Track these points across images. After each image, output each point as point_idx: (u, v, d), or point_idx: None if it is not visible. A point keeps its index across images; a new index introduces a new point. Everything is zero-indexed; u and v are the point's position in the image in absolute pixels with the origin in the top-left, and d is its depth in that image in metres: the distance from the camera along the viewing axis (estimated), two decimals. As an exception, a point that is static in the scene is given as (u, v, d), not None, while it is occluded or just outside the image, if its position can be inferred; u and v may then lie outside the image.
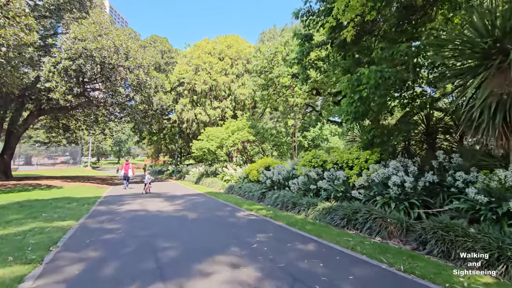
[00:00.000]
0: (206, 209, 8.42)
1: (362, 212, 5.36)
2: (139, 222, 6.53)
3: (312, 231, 5.43)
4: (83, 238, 5.04)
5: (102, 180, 21.36)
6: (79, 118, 23.15)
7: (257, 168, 11.72)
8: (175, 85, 21.64)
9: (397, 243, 4.63)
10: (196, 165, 22.79)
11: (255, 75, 16.34)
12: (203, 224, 6.34)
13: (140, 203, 9.49)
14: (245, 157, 20.26)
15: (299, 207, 7.17)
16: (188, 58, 21.55)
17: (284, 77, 14.33)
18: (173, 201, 10.16)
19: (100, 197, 11.30)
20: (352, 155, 7.09)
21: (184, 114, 20.76)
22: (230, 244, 4.66)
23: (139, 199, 10.56)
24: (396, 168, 5.74)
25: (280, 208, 7.98)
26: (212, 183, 15.74)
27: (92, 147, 68.88)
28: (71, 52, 14.58)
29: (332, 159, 7.70)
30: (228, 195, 12.10)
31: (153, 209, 8.33)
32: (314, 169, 8.20)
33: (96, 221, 6.55)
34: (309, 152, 8.94)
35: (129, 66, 16.81)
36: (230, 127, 16.80)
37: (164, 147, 41.31)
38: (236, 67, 20.99)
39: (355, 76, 6.79)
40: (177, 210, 8.18)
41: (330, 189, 6.82)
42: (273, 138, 17.05)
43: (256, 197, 9.86)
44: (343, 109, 7.24)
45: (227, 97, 21.23)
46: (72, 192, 12.37)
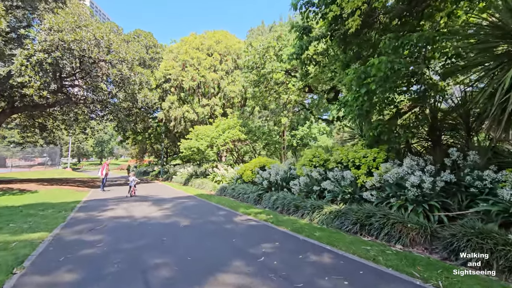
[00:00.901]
0: (199, 213, 7.70)
1: (377, 216, 4.84)
2: (124, 231, 5.74)
3: (323, 239, 4.87)
4: (56, 254, 4.24)
5: (82, 182, 20.03)
6: (57, 117, 21.66)
7: (251, 168, 11.08)
8: (161, 82, 20.61)
9: (421, 251, 4.14)
10: (184, 166, 21.86)
11: (247, 70, 15.68)
12: (197, 232, 5.64)
13: (125, 208, 8.64)
14: (235, 156, 19.56)
15: (302, 210, 6.60)
16: (175, 53, 20.56)
17: (278, 73, 13.77)
18: (162, 205, 9.36)
19: (79, 202, 10.30)
20: (359, 153, 6.59)
21: (172, 112, 19.78)
22: (232, 258, 4.01)
23: (123, 204, 9.67)
24: (411, 167, 5.27)
25: (281, 212, 7.38)
26: (202, 184, 14.96)
27: (72, 147, 65.92)
28: (46, 44, 13.36)
29: (335, 158, 7.18)
30: (221, 197, 11.40)
31: (140, 215, 7.53)
32: (315, 169, 7.66)
33: (74, 232, 5.70)
34: (308, 151, 8.41)
35: (111, 61, 15.70)
36: (220, 125, 16.06)
37: (149, 147, 39.88)
38: (225, 63, 20.22)
39: (361, 68, 6.30)
40: (166, 215, 7.42)
41: (336, 190, 6.30)
42: (265, 137, 16.46)
43: (252, 199, 9.23)
44: (348, 104, 6.75)
45: (216, 94, 20.43)
46: (48, 197, 11.27)
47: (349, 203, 5.88)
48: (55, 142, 27.43)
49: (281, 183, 8.91)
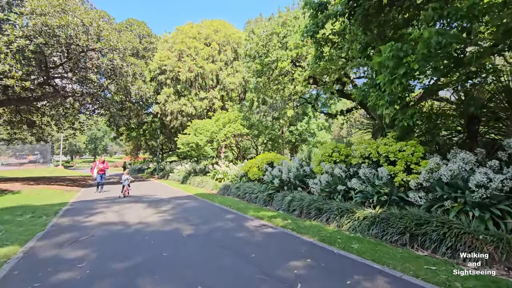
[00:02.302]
0: (203, 217, 6.66)
1: (433, 225, 3.87)
2: (114, 243, 4.68)
3: (365, 253, 3.88)
4: (22, 282, 3.18)
5: (72, 181, 18.79)
6: (46, 112, 20.27)
7: (258, 164, 10.06)
8: (156, 73, 19.34)
9: (505, 272, 3.17)
10: (181, 162, 20.75)
11: (249, 60, 14.59)
12: (204, 243, 4.61)
13: (117, 212, 7.55)
14: (235, 152, 18.52)
15: (327, 214, 5.60)
16: (170, 43, 19.29)
17: (283, 61, 12.69)
18: (159, 207, 8.30)
19: (65, 204, 9.18)
20: (392, 146, 5.61)
21: (168, 105, 18.56)
22: (258, 284, 3.00)
23: (115, 206, 8.58)
24: (467, 162, 4.29)
25: (299, 215, 6.38)
26: (202, 183, 13.90)
27: (64, 144, 64.12)
28: (28, 29, 12.07)
29: (361, 152, 6.18)
30: (224, 197, 10.37)
31: (134, 220, 6.46)
32: (336, 165, 6.67)
33: (52, 245, 4.63)
34: (326, 145, 7.40)
35: (101, 49, 14.45)
36: (220, 119, 14.97)
37: (144, 143, 38.57)
38: (224, 54, 19.03)
39: (399, 45, 5.31)
40: (165, 221, 6.36)
41: (369, 190, 5.30)
42: (268, 132, 15.43)
43: (262, 200, 8.22)
44: (378, 89, 5.75)
45: (215, 86, 19.27)
46: (31, 199, 10.11)
47: (387, 207, 4.89)
48: (44, 139, 25.97)
49: (294, 181, 7.91)
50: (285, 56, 12.98)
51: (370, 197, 5.25)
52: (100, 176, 12.83)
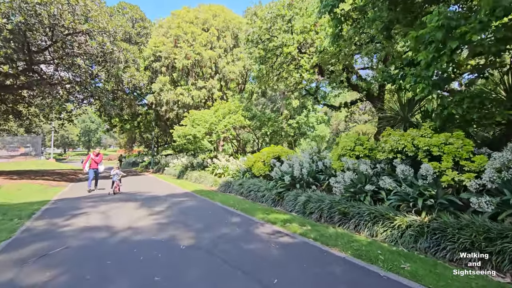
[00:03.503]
0: (204, 221, 5.67)
1: (515, 241, 2.92)
2: (92, 259, 3.67)
3: (424, 278, 2.92)
4: None
5: (61, 175, 17.61)
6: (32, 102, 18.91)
7: (264, 159, 9.06)
8: (150, 61, 18.07)
9: None
10: (177, 156, 19.67)
11: (251, 45, 13.47)
12: (210, 261, 3.62)
13: (103, 213, 6.52)
14: (235, 146, 17.50)
15: (355, 219, 4.64)
16: (165, 28, 17.98)
17: (289, 46, 11.59)
18: (153, 206, 7.28)
19: (46, 202, 8.10)
20: (434, 139, 4.63)
21: (163, 95, 17.36)
22: None
23: (103, 205, 7.54)
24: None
25: (318, 220, 5.41)
26: (200, 178, 12.89)
27: (56, 136, 62.40)
28: (5, 6, 10.76)
29: (391, 146, 5.20)
30: (226, 194, 9.38)
31: (122, 224, 5.44)
32: (361, 161, 5.70)
33: (12, 262, 3.60)
34: (347, 137, 6.42)
35: (89, 31, 13.16)
36: (220, 110, 13.89)
37: (139, 136, 37.31)
38: (223, 40, 17.80)
39: (449, 12, 4.32)
40: (159, 225, 5.36)
41: (408, 192, 4.34)
42: (271, 123, 14.41)
43: (270, 199, 7.24)
44: (418, 69, 4.75)
45: (213, 75, 18.09)
46: (8, 195, 9.01)
47: (436, 213, 3.94)
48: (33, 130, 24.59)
49: (307, 178, 6.94)
50: (291, 40, 11.89)
51: (411, 200, 4.28)
52: (94, 171, 10.84)
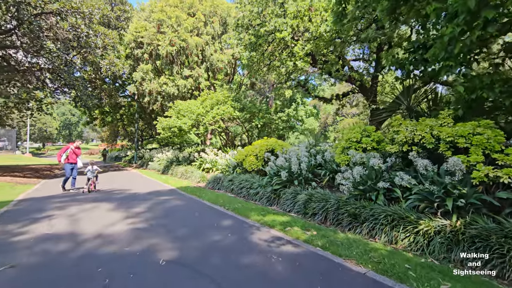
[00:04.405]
0: (190, 225, 4.85)
1: None
2: (42, 284, 2.79)
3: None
4: None
5: (34, 171, 16.19)
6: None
7: (256, 152, 8.28)
8: (132, 47, 16.74)
9: None
10: (162, 150, 18.59)
11: (241, 30, 12.54)
12: (197, 282, 2.83)
13: (71, 217, 5.57)
14: (224, 139, 16.62)
15: (368, 223, 3.96)
16: (148, 12, 16.68)
17: (283, 31, 10.76)
18: (131, 207, 6.38)
19: (8, 202, 7.02)
20: (460, 128, 3.98)
21: (146, 84, 16.14)
22: None
23: (73, 206, 6.56)
24: None
25: (322, 222, 4.71)
26: (187, 173, 11.98)
27: (33, 130, 59.16)
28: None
29: (406, 137, 4.53)
30: (215, 192, 8.56)
31: (91, 232, 4.54)
32: (369, 154, 5.03)
33: None
34: (352, 128, 5.72)
35: (60, 11, 11.80)
36: (208, 100, 12.95)
37: (122, 129, 35.64)
38: (211, 26, 16.69)
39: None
40: (136, 232, 4.49)
41: (432, 190, 3.68)
42: (262, 115, 13.62)
43: (265, 197, 6.49)
44: (440, 46, 4.07)
45: (200, 63, 17.00)
46: (-37, 196, 7.83)
47: (469, 216, 3.30)
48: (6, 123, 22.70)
49: (306, 174, 6.23)
50: (284, 25, 11.06)
51: (436, 201, 3.63)
52: (72, 167, 9.08)
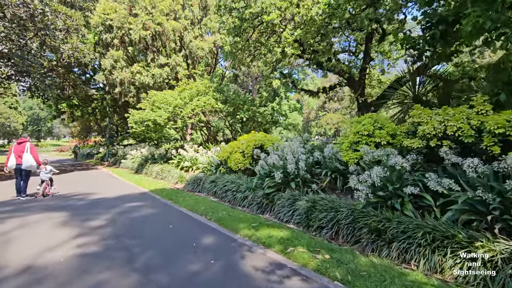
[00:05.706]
0: (161, 246, 3.67)
1: None
2: None
3: None
4: None
5: (-15, 172, 14.09)
6: None
7: (243, 149, 7.15)
8: (99, 31, 14.89)
9: None
10: (138, 146, 16.98)
11: (224, 12, 11.25)
12: None
13: (6, 234, 4.20)
14: (206, 134, 15.32)
15: (398, 243, 2.99)
16: (118, -8, 14.88)
17: (271, 13, 9.63)
18: (88, 219, 5.06)
19: None
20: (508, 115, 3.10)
21: (116, 73, 14.41)
22: None
23: (15, 218, 5.14)
24: None
25: (332, 238, 3.70)
26: (163, 173, 10.64)
27: (-5, 125, 54.09)
28: None
29: (435, 128, 3.61)
30: (194, 195, 7.34)
31: (19, 261, 3.23)
32: (387, 151, 4.07)
33: None
34: (360, 120, 4.74)
35: (6, -17, 9.91)
36: (186, 91, 11.61)
37: (95, 124, 33.06)
38: (190, 9, 15.17)
39: None
40: (84, 260, 3.24)
41: (486, 199, 2.76)
42: (247, 107, 12.48)
43: (255, 203, 5.40)
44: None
45: (178, 51, 15.48)
46: None
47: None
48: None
49: (304, 174, 5.21)
50: (272, 6, 9.95)
51: (494, 214, 2.71)
52: (20, 171, 6.99)
